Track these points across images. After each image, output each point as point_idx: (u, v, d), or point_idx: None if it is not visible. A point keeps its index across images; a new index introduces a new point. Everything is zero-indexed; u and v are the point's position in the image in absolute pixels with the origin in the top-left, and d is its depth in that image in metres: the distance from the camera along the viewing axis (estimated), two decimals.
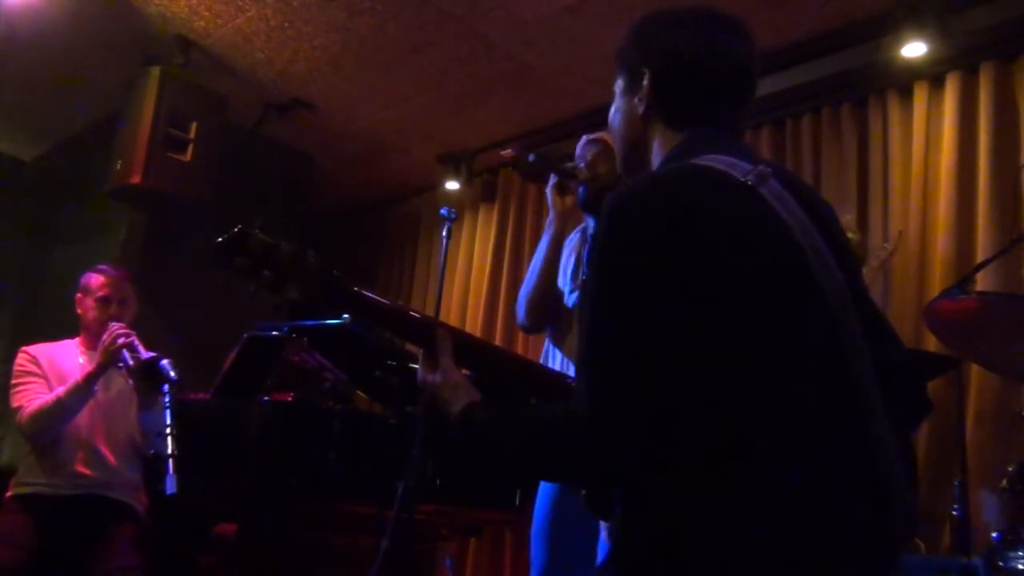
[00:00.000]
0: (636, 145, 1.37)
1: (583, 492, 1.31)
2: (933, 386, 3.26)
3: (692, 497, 1.08)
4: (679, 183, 1.19)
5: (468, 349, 1.45)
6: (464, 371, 1.40)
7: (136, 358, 2.88)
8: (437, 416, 1.37)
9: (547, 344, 2.58)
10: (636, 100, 1.35)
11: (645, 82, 1.33)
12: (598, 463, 1.14)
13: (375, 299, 1.45)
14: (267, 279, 1.34)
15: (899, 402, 1.17)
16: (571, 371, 2.25)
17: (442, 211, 2.75)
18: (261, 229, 1.35)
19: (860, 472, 1.10)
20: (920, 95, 3.75)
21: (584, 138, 2.50)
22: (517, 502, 3.44)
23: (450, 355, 1.38)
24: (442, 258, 2.69)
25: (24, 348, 3.15)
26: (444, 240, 2.68)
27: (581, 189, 2.37)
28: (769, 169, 1.21)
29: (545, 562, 2.36)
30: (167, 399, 2.71)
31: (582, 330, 1.18)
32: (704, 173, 1.19)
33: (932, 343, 3.11)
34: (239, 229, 1.34)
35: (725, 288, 1.11)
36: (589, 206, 2.39)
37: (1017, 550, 2.25)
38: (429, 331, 1.42)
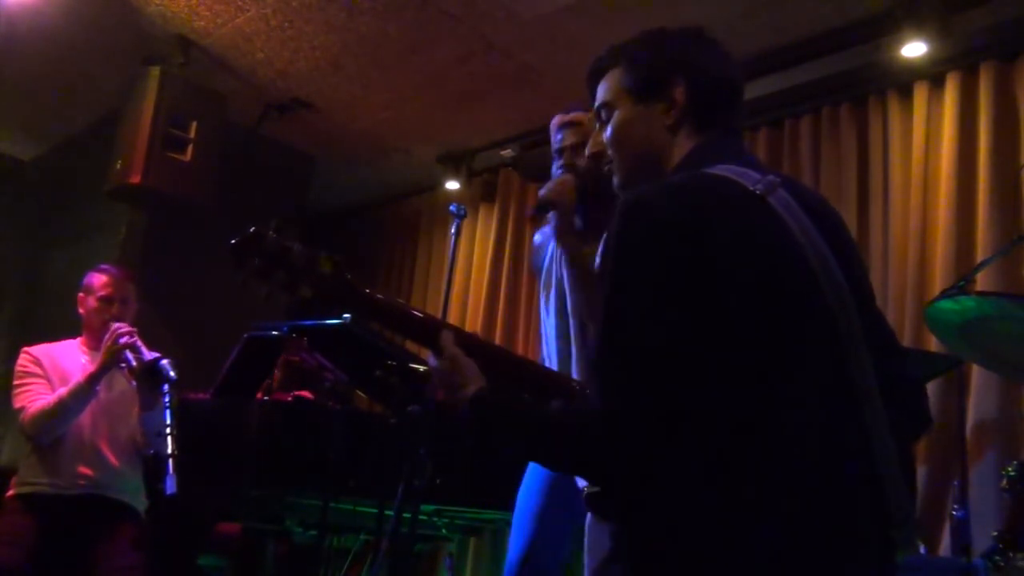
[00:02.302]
0: (653, 156, 1.36)
1: (585, 492, 1.31)
2: (933, 386, 3.27)
3: (693, 500, 1.09)
4: (692, 191, 1.20)
5: (473, 350, 1.45)
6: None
7: (139, 359, 2.88)
8: (447, 402, 1.36)
9: (544, 343, 2.51)
10: (661, 110, 1.35)
11: (678, 92, 1.33)
12: (614, 461, 1.14)
13: (385, 300, 1.45)
14: (280, 280, 1.35)
15: (901, 414, 1.19)
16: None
17: (451, 207, 2.66)
18: (275, 231, 1.35)
19: (860, 478, 1.12)
20: (920, 95, 3.75)
21: (557, 119, 2.34)
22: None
23: (454, 345, 1.38)
24: (451, 255, 2.63)
25: (26, 348, 3.14)
26: (453, 237, 2.62)
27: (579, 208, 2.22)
28: (778, 179, 1.24)
29: (532, 542, 2.32)
30: (167, 399, 2.72)
31: (595, 333, 1.18)
32: (716, 181, 1.21)
33: (932, 343, 3.11)
34: (253, 230, 1.34)
35: (731, 294, 1.12)
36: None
37: (1017, 550, 2.25)
38: (437, 333, 1.42)
